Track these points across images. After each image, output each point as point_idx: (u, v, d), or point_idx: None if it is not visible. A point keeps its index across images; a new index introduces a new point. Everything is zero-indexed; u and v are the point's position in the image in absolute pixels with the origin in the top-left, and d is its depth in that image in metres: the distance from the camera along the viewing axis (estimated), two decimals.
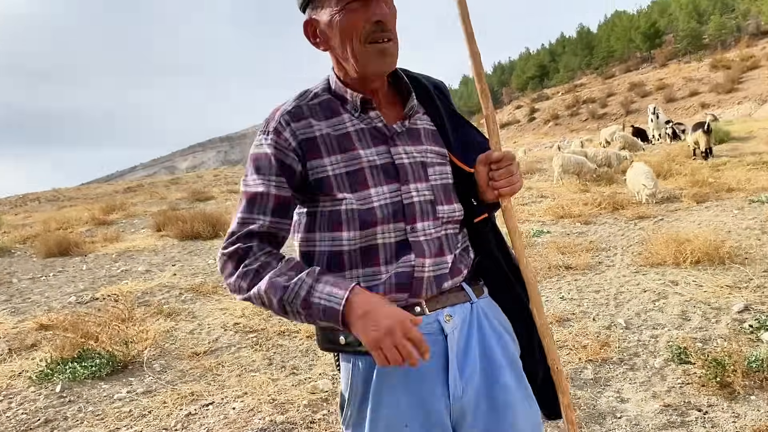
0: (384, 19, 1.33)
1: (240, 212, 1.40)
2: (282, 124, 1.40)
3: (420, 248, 1.41)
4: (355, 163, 1.39)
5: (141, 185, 37.82)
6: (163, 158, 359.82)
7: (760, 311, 4.45)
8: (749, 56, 60.10)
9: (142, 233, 12.04)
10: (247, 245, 1.36)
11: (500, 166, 1.44)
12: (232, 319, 5.44)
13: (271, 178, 1.38)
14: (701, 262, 5.74)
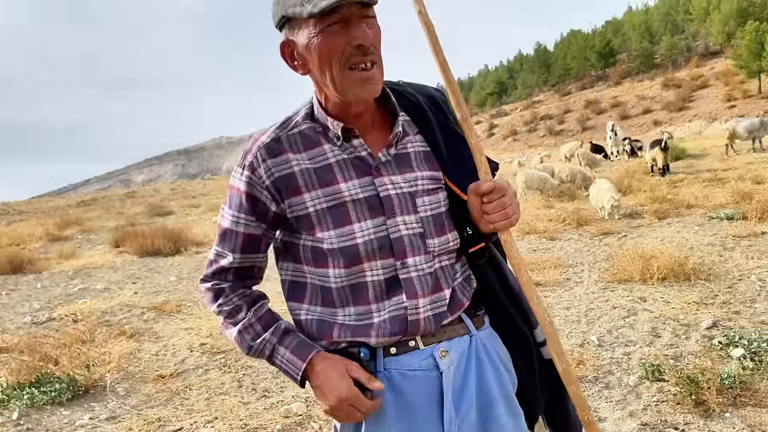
0: (366, 42, 1.23)
1: (215, 243, 1.44)
2: (258, 159, 1.33)
3: (412, 287, 1.33)
4: (337, 197, 1.31)
5: (95, 199, 36.91)
6: (118, 171, 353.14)
7: (727, 327, 4.53)
8: (699, 76, 62.33)
9: (99, 249, 11.70)
10: (221, 285, 1.41)
11: (492, 199, 1.33)
12: (198, 339, 5.28)
13: (241, 216, 1.37)
14: (667, 279, 5.83)
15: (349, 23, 1.22)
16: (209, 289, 1.42)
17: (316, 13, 1.18)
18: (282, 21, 1.30)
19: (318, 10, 1.18)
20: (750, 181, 11.95)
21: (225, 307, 1.40)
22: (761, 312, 4.81)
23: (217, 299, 1.40)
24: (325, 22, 1.21)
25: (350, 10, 1.21)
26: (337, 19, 1.21)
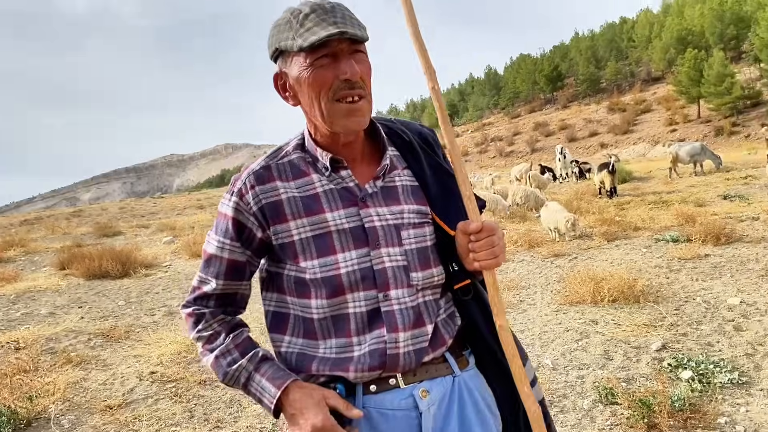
0: (353, 77, 1.26)
1: (199, 269, 1.44)
2: (246, 185, 1.36)
3: (392, 320, 1.33)
4: (322, 226, 1.33)
5: (40, 218, 35.63)
6: (64, 189, 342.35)
7: (676, 349, 4.65)
8: (642, 100, 64.72)
9: (43, 272, 11.25)
10: (201, 311, 1.40)
11: (479, 238, 1.33)
12: (147, 367, 5.12)
13: (226, 242, 1.38)
14: (618, 301, 5.97)
15: (338, 58, 1.26)
16: (190, 315, 1.41)
17: (306, 47, 1.24)
18: (275, 53, 1.34)
19: (308, 44, 1.23)
20: (692, 204, 12.40)
21: (204, 332, 1.39)
22: (707, 334, 4.96)
23: (197, 325, 1.39)
24: (314, 56, 1.25)
25: (340, 46, 1.26)
26: (326, 52, 1.25)
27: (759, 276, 6.50)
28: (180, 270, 10.38)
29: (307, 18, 1.25)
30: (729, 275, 6.67)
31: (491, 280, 1.35)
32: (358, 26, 1.27)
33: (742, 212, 10.76)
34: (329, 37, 1.22)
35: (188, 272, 10.03)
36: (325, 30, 1.22)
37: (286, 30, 1.28)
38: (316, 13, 1.25)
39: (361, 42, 1.29)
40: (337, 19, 1.24)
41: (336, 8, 1.26)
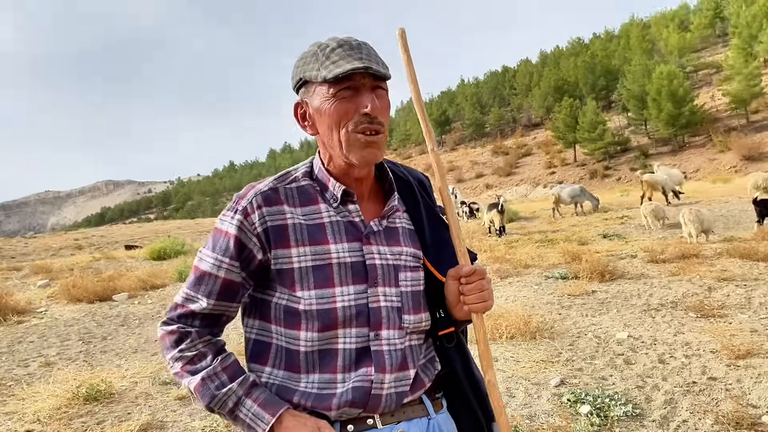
0: (372, 111, 1.30)
1: (187, 286, 1.37)
2: (253, 205, 1.34)
3: (381, 360, 1.33)
4: (324, 257, 1.33)
5: None
6: None
7: (573, 384, 4.79)
8: (524, 144, 68.63)
9: None
10: (186, 329, 1.34)
11: (470, 281, 1.37)
12: (22, 425, 4.59)
13: (224, 260, 1.33)
14: (515, 337, 6.10)
15: (360, 91, 1.31)
16: (172, 332, 1.34)
17: (330, 78, 1.28)
18: (299, 83, 1.38)
19: (332, 75, 1.27)
20: (576, 243, 13.10)
21: (187, 352, 1.32)
22: (601, 368, 5.15)
23: (180, 343, 1.33)
24: (337, 87, 1.30)
25: (363, 80, 1.30)
26: (349, 85, 1.30)
27: (642, 311, 6.89)
28: (58, 316, 9.55)
29: (333, 51, 1.30)
30: (615, 311, 7.03)
31: (479, 324, 1.39)
32: (381, 64, 1.33)
33: (621, 250, 11.49)
34: (354, 71, 1.26)
35: (67, 318, 9.27)
36: (350, 64, 1.27)
37: (312, 62, 1.33)
38: (343, 48, 1.30)
39: (384, 79, 1.34)
40: (362, 55, 1.29)
41: (362, 45, 1.33)
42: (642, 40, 77.12)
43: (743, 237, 11.41)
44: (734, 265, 8.80)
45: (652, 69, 54.71)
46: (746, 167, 41.50)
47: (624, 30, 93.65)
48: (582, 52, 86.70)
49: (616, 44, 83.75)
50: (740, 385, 4.54)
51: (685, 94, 50.33)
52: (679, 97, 49.50)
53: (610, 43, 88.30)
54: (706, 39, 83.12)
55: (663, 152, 52.20)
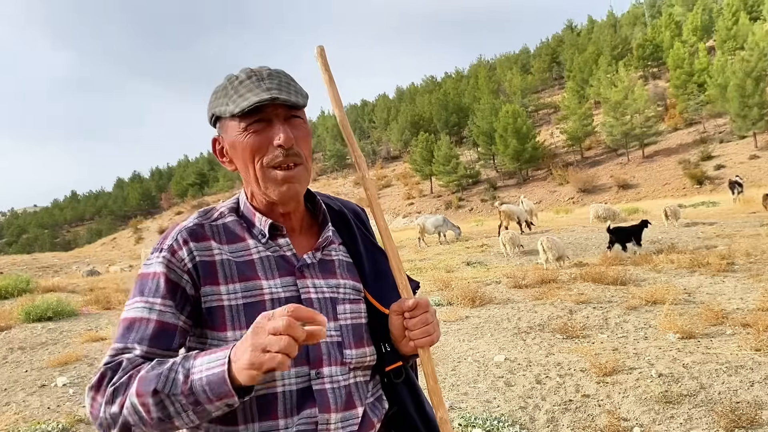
0: (286, 143, 1.23)
1: (115, 341, 1.20)
2: (179, 241, 1.25)
3: (325, 400, 1.23)
4: (256, 294, 1.23)
5: None
6: None
7: (462, 409, 4.90)
8: (384, 176, 70.37)
9: None
10: (114, 364, 1.14)
11: (414, 315, 1.29)
12: None
13: (156, 302, 1.20)
14: None
15: (272, 123, 1.25)
16: (100, 379, 1.12)
17: (237, 113, 1.22)
18: (213, 119, 1.32)
19: (239, 110, 1.22)
20: (443, 270, 13.58)
21: (120, 379, 1.10)
22: (485, 391, 5.32)
23: (111, 380, 1.11)
24: (248, 121, 1.24)
25: (275, 111, 1.24)
26: (260, 118, 1.24)
27: (513, 334, 7.25)
28: None
29: (241, 84, 1.25)
30: (489, 335, 7.33)
31: (427, 359, 1.31)
32: (295, 92, 1.26)
33: (486, 277, 12.07)
34: (260, 103, 1.20)
35: None
36: (257, 96, 1.21)
37: (222, 96, 1.27)
38: (251, 80, 1.25)
39: (298, 108, 1.28)
40: (271, 86, 1.23)
41: (273, 74, 1.26)
42: (489, 81, 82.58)
43: (592, 262, 12.45)
44: (589, 289, 9.56)
45: (499, 108, 58.70)
46: (582, 198, 45.60)
47: (473, 70, 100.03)
48: (435, 90, 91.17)
49: (465, 83, 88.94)
50: (611, 400, 4.89)
51: (528, 132, 54.42)
52: (522, 134, 53.42)
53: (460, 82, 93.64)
54: (545, 81, 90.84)
55: (509, 185, 55.95)
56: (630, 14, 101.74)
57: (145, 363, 1.13)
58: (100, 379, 1.13)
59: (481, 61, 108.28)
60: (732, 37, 61.22)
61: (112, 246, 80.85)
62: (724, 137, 47.18)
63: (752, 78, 42.54)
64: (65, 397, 6.18)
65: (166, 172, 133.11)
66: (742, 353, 5.59)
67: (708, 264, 10.39)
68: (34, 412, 5.77)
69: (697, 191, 38.90)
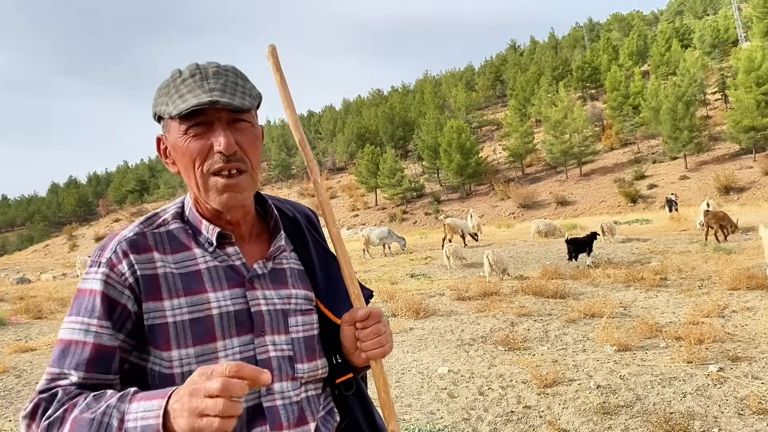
0: (227, 150, 1.14)
1: (51, 363, 1.12)
2: (118, 254, 1.16)
3: (276, 417, 1.18)
4: (203, 308, 1.16)
5: None
6: None
7: (406, 420, 4.89)
8: (329, 187, 70.16)
9: None
10: (52, 392, 1.07)
11: (366, 325, 1.25)
12: None
13: (92, 323, 1.12)
14: None
15: (213, 127, 1.16)
16: (34, 409, 1.05)
17: (175, 115, 1.15)
18: (156, 117, 1.24)
19: (177, 112, 1.14)
20: (387, 282, 13.59)
21: (55, 413, 1.03)
22: (428, 403, 5.33)
23: (45, 413, 1.04)
24: (188, 124, 1.16)
25: (217, 115, 1.16)
26: (200, 121, 1.16)
27: (457, 346, 7.30)
28: None
29: (183, 83, 1.16)
30: (433, 346, 7.36)
31: (378, 372, 1.28)
32: (242, 94, 1.17)
33: (429, 289, 12.14)
34: (199, 106, 1.11)
35: None
36: (196, 98, 1.12)
37: (164, 94, 1.19)
38: (194, 78, 1.16)
39: (243, 111, 1.18)
40: (215, 86, 1.15)
41: (220, 73, 1.18)
42: (434, 96, 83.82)
43: (532, 276, 12.71)
44: (529, 302, 9.74)
45: (444, 123, 59.55)
46: (522, 214, 46.59)
47: (419, 85, 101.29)
48: (382, 103, 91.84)
49: (411, 98, 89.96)
50: (551, 411, 4.98)
51: (471, 147, 55.36)
52: (466, 150, 54.31)
53: (406, 96, 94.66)
54: (489, 98, 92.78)
55: (453, 198, 56.68)
56: (570, 37, 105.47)
57: (81, 394, 1.07)
58: (34, 410, 1.06)
59: (427, 77, 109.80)
60: (665, 62, 64.10)
61: (45, 253, 77.63)
62: (657, 158, 49.15)
63: (683, 102, 44.56)
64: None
65: (104, 177, 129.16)
66: (675, 365, 5.79)
67: (642, 279, 10.76)
68: None
69: (631, 209, 40.33)
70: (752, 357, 5.81)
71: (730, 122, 42.18)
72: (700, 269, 11.74)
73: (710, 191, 36.76)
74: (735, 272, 9.97)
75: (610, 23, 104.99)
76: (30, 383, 6.84)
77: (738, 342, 6.38)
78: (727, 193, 37.00)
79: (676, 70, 57.94)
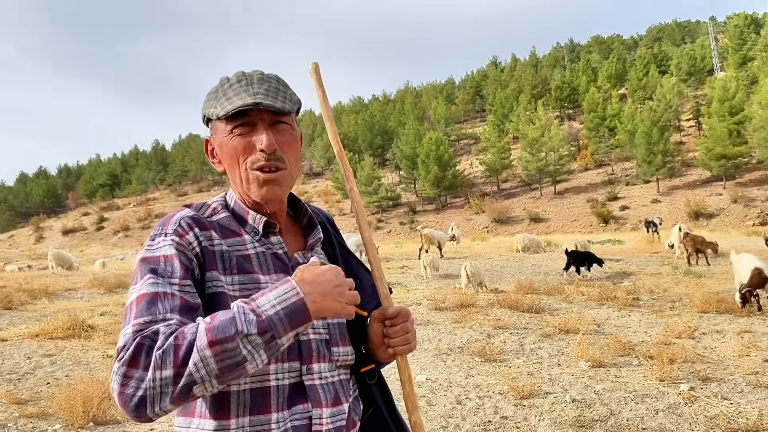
0: (268, 148, 1.27)
1: (134, 317, 1.10)
2: (183, 226, 1.25)
3: (317, 395, 1.27)
4: (254, 287, 1.25)
5: None
6: None
7: None
8: (305, 192, 69.98)
9: None
10: (153, 331, 1.06)
11: (395, 323, 1.35)
12: None
13: (174, 281, 1.16)
14: None
15: (256, 127, 1.29)
16: (137, 348, 1.04)
17: (222, 116, 1.28)
18: (205, 119, 1.37)
19: (223, 113, 1.27)
20: None
21: (167, 342, 1.04)
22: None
23: (152, 347, 1.03)
24: (233, 124, 1.29)
25: (260, 116, 1.29)
26: (245, 121, 1.28)
27: (434, 355, 7.38)
28: None
29: (231, 87, 1.30)
30: (411, 355, 7.41)
31: (404, 366, 1.37)
32: (282, 98, 1.30)
33: (406, 298, 12.21)
34: (243, 108, 1.24)
35: None
36: (241, 100, 1.25)
37: (213, 98, 1.32)
38: (240, 83, 1.29)
39: (283, 114, 1.31)
40: (258, 90, 1.27)
41: (264, 79, 1.31)
42: (414, 107, 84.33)
43: (507, 289, 12.86)
44: (505, 315, 9.86)
45: (423, 134, 59.97)
46: (496, 228, 47.07)
47: (399, 95, 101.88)
48: (362, 111, 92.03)
49: (392, 108, 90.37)
50: (527, 422, 5.07)
51: (449, 159, 55.85)
52: (444, 162, 54.75)
53: (387, 105, 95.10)
54: (468, 112, 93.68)
55: (428, 209, 56.99)
56: (551, 56, 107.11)
57: (186, 326, 1.07)
58: (136, 351, 1.03)
59: (408, 87, 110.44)
60: (642, 87, 65.54)
61: (9, 244, 76.00)
62: (630, 180, 50.12)
63: (658, 127, 45.58)
64: None
65: (75, 170, 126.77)
66: (648, 383, 5.93)
67: (615, 298, 10.97)
68: None
69: (603, 229, 41.03)
70: (721, 378, 5.99)
71: (702, 149, 43.30)
72: (672, 291, 12.01)
73: (681, 215, 37.59)
74: (705, 295, 10.24)
75: (590, 45, 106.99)
76: (1, 374, 6.72)
77: (708, 363, 6.56)
78: (697, 218, 37.90)
79: (652, 95, 59.27)
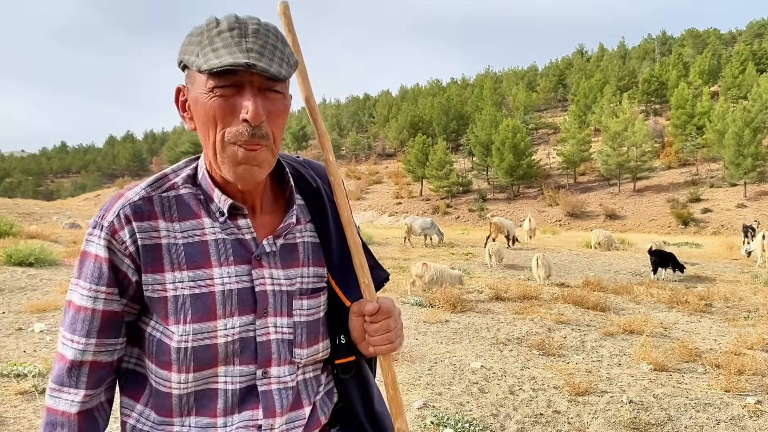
0: (254, 119, 1.05)
1: (64, 327, 1.15)
2: (120, 219, 1.12)
3: (271, 402, 1.17)
4: (206, 284, 1.12)
5: None
6: None
7: (435, 408, 4.97)
8: (375, 172, 70.47)
9: None
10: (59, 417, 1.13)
11: (376, 320, 1.21)
12: None
13: (100, 290, 1.12)
14: None
15: (242, 90, 1.06)
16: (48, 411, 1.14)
17: (205, 70, 1.04)
18: (181, 64, 1.13)
19: (207, 67, 1.03)
20: None
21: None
22: (458, 394, 5.40)
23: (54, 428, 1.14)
24: (217, 81, 1.05)
25: (250, 78, 1.06)
26: (232, 81, 1.06)
27: (491, 344, 7.34)
28: None
29: (219, 35, 1.05)
30: (467, 341, 7.41)
31: (387, 367, 1.25)
32: (279, 60, 1.07)
33: (468, 284, 12.16)
34: (233, 66, 1.01)
35: None
36: (232, 56, 1.02)
37: (195, 42, 1.07)
38: (232, 33, 1.04)
39: (279, 80, 1.08)
40: (253, 46, 1.04)
41: (260, 32, 1.06)
42: (493, 93, 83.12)
43: (574, 285, 12.59)
44: (569, 310, 9.67)
45: (500, 121, 59.08)
46: (569, 222, 45.96)
47: (479, 80, 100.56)
48: (439, 94, 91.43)
49: (470, 92, 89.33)
50: (580, 419, 4.98)
51: (525, 148, 54.82)
52: (520, 150, 53.79)
53: (465, 90, 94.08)
54: (549, 101, 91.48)
55: (499, 198, 56.28)
56: (640, 48, 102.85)
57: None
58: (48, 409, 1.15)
59: (488, 72, 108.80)
60: (737, 85, 62.07)
61: (95, 203, 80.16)
62: (715, 182, 47.78)
63: (751, 128, 43.12)
64: (42, 343, 6.19)
65: (160, 136, 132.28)
66: (712, 392, 5.71)
67: (686, 302, 10.56)
68: (9, 353, 5.77)
69: (681, 231, 39.39)
70: None
71: None
72: (748, 300, 11.45)
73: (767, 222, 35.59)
74: None
75: (683, 38, 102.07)
76: None
77: None
78: None
79: (747, 94, 55.98)
